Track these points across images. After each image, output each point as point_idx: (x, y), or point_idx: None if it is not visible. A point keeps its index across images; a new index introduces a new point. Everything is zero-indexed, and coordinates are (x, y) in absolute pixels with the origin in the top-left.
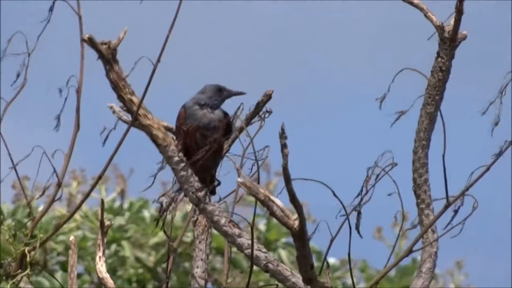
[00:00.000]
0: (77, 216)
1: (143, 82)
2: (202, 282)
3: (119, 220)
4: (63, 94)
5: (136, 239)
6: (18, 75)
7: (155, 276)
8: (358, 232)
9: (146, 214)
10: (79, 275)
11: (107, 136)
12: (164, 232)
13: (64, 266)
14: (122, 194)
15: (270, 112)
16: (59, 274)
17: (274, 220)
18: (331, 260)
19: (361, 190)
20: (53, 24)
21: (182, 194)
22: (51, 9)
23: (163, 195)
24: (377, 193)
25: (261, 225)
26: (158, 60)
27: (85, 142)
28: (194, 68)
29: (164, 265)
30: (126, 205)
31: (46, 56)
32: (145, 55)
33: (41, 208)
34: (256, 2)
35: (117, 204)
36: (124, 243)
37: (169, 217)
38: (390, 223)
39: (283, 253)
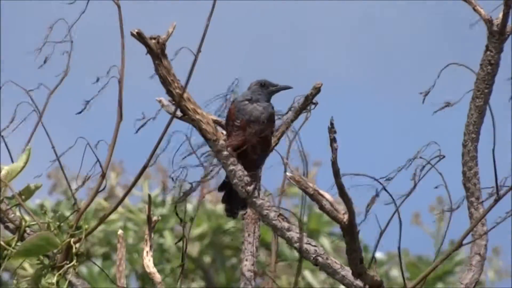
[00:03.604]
0: (120, 208)
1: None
2: (251, 275)
3: (161, 211)
4: (103, 84)
5: (178, 230)
6: (45, 60)
7: (200, 266)
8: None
9: (188, 206)
10: None
11: (144, 124)
12: (178, 216)
13: (104, 255)
14: (164, 189)
15: (316, 104)
16: (98, 263)
17: (315, 211)
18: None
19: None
20: (94, 15)
21: (195, 186)
22: None
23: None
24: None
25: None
26: (199, 50)
27: (124, 133)
28: (241, 63)
29: (207, 256)
30: (168, 199)
31: (86, 46)
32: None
33: (83, 200)
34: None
35: (159, 199)
36: (166, 233)
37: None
38: (428, 208)
39: (326, 242)
